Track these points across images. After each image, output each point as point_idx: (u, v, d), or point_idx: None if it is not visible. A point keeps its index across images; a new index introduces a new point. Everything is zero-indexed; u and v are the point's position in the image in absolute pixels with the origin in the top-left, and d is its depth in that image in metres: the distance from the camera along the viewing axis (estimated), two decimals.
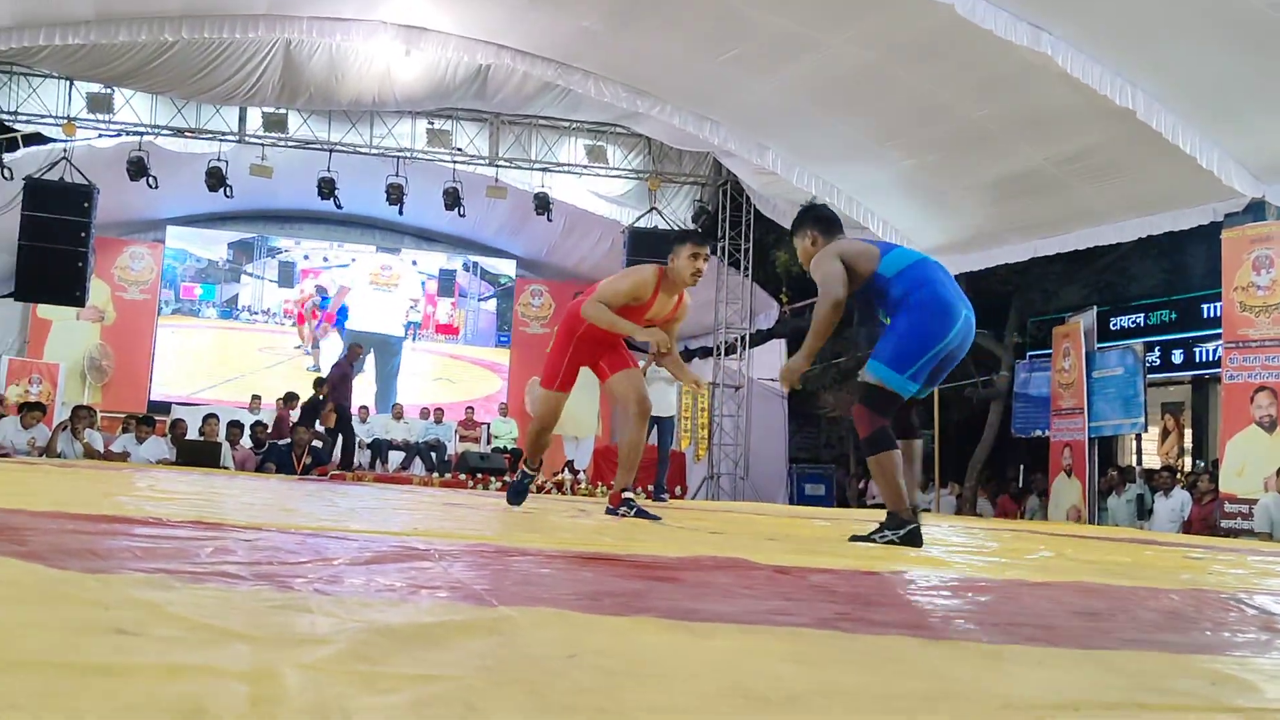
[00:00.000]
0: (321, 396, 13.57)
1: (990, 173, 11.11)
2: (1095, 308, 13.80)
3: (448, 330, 18.66)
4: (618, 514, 5.29)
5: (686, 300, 5.51)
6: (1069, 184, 10.58)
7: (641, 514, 5.26)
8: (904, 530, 4.12)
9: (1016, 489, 15.88)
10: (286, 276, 18.15)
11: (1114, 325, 16.84)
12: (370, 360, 17.54)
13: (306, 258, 18.27)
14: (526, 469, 5.77)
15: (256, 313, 18.03)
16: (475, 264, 18.79)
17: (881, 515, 4.30)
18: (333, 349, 17.47)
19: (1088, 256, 14.76)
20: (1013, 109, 10.04)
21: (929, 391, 4.56)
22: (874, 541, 4.12)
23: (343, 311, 18.24)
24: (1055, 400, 13.32)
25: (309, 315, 18.07)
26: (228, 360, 17.73)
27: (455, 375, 18.51)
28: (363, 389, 15.88)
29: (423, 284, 18.64)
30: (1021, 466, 16.90)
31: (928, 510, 14.99)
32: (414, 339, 18.50)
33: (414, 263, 18.65)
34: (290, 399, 14.45)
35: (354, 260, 18.37)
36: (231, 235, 18.05)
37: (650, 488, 11.08)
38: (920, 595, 2.22)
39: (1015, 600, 2.23)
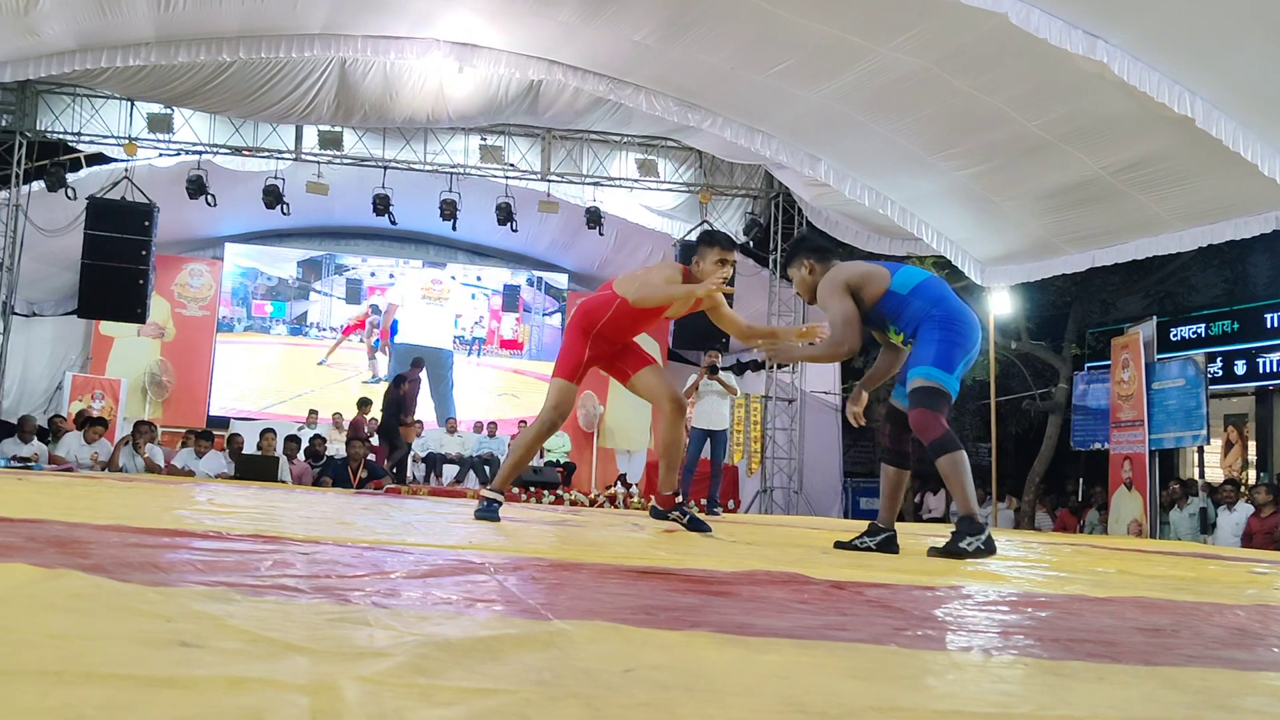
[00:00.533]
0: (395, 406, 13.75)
1: (1046, 182, 10.99)
2: (1155, 318, 13.59)
3: (512, 345, 18.82)
4: (668, 516, 5.20)
5: (702, 301, 5.20)
6: (1127, 193, 10.43)
7: (695, 523, 5.16)
8: (984, 539, 4.15)
9: (1076, 503, 15.67)
10: (354, 293, 18.44)
11: (1174, 336, 16.58)
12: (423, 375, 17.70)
13: (373, 275, 18.56)
14: (493, 495, 5.20)
15: (324, 329, 18.28)
16: (539, 279, 18.89)
17: (937, 529, 4.27)
18: (385, 364, 17.71)
19: (1147, 266, 14.56)
20: (1068, 117, 9.92)
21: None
22: (964, 552, 4.12)
23: (394, 326, 18.44)
24: (1115, 412, 13.13)
25: (369, 331, 18.33)
26: (294, 376, 17.99)
27: (519, 390, 18.62)
28: (420, 403, 16.04)
29: (487, 298, 18.79)
30: (1081, 480, 16.67)
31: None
32: (478, 354, 18.66)
33: (478, 278, 18.84)
34: (364, 404, 14.65)
35: (402, 275, 18.58)
36: (290, 252, 18.31)
37: (704, 501, 11.06)
38: (979, 610, 2.20)
39: (1076, 616, 2.20)
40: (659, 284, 4.95)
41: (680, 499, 5.30)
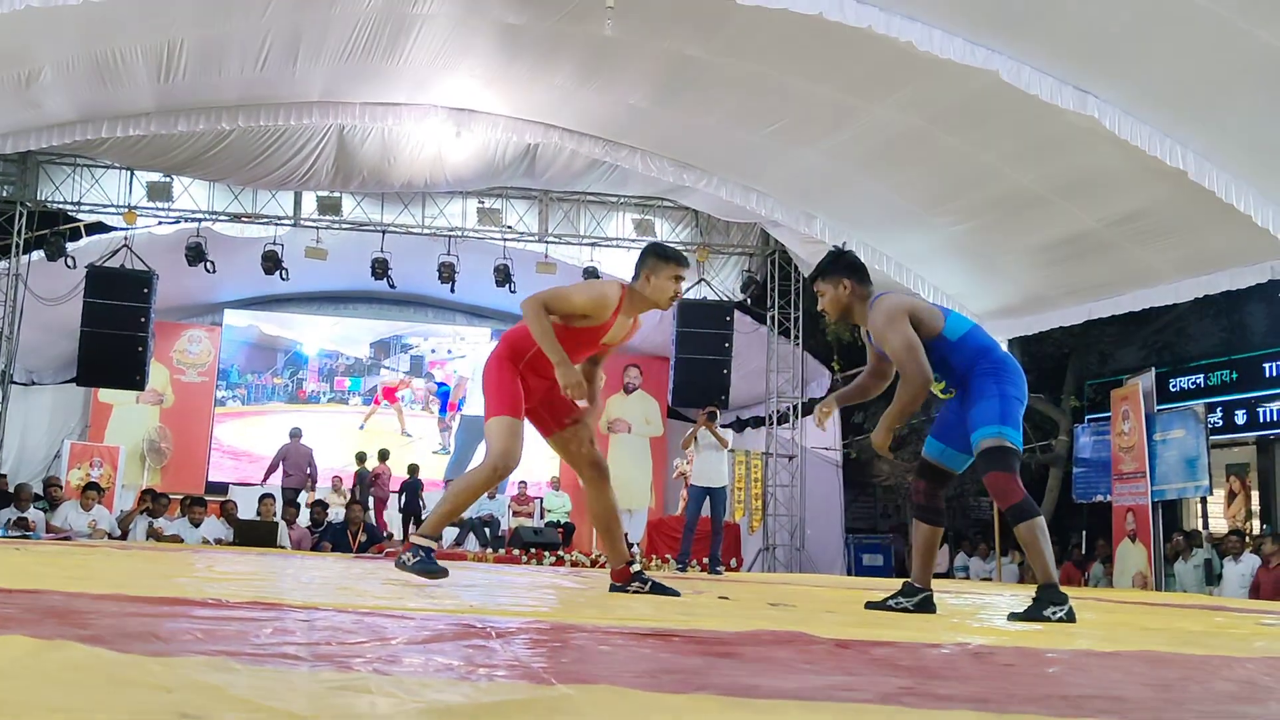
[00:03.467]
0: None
1: (1040, 236, 11.05)
2: (1154, 369, 13.59)
3: None
4: (628, 589, 4.69)
5: (640, 321, 4.86)
6: (1122, 245, 10.49)
7: (657, 589, 4.68)
8: (1066, 610, 3.90)
9: (1079, 556, 15.56)
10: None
11: (1174, 386, 16.57)
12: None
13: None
14: (427, 543, 4.44)
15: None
16: None
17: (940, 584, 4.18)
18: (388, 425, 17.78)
19: (1144, 317, 14.59)
20: (1061, 172, 10.00)
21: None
22: (1047, 619, 3.88)
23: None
24: (1116, 464, 13.09)
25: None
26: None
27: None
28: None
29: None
30: (1084, 532, 16.57)
31: (988, 580, 14.73)
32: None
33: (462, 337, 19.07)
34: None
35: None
36: (286, 317, 18.40)
37: (705, 560, 10.99)
38: (986, 667, 2.18)
39: (1083, 671, 2.18)
40: (545, 321, 4.45)
41: (635, 568, 4.82)
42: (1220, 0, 7.32)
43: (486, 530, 15.25)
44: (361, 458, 15.76)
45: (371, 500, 15.20)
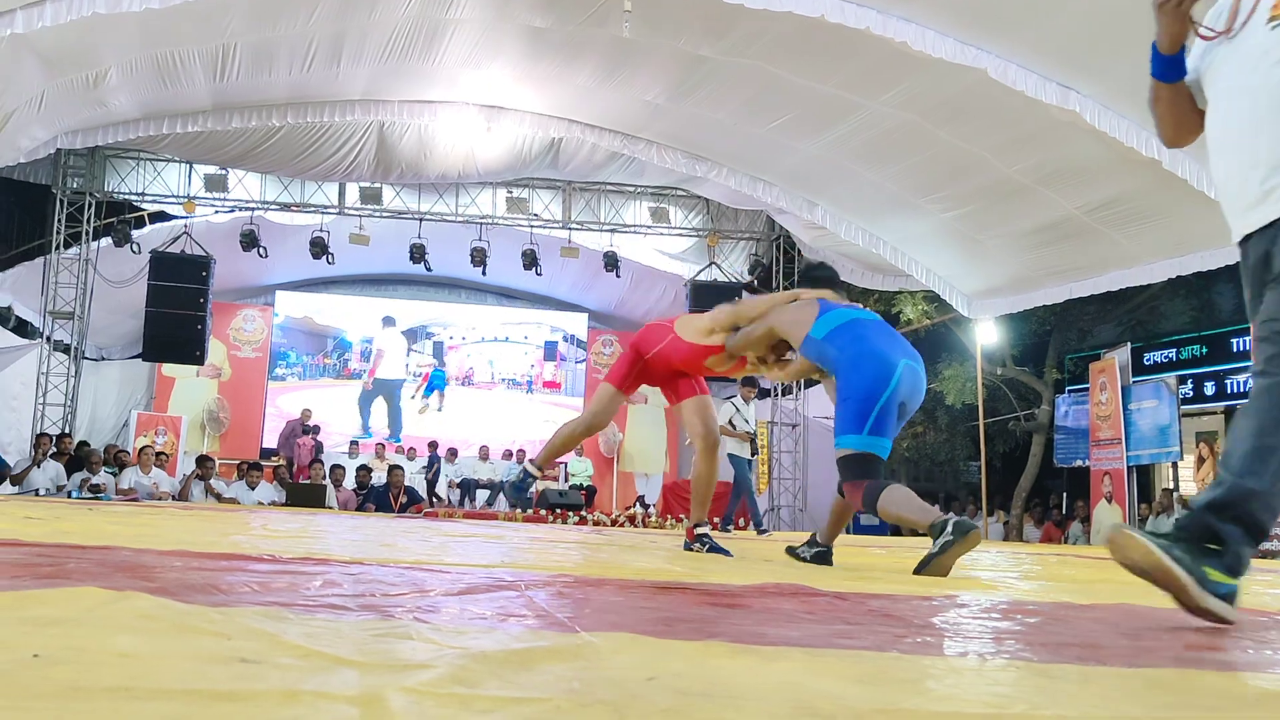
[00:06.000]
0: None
1: (1025, 222, 10.98)
2: (1129, 344, 13.54)
3: (552, 385, 19.37)
4: (692, 548, 4.91)
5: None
6: (1100, 230, 10.42)
7: (715, 549, 4.86)
8: (950, 524, 3.67)
9: (1060, 516, 15.54)
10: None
11: (1147, 360, 16.48)
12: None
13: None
14: (532, 470, 5.12)
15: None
16: (573, 336, 19.28)
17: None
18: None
19: (1120, 296, 14.51)
20: (1044, 162, 9.93)
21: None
22: (936, 554, 3.65)
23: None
24: (1094, 432, 13.05)
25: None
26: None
27: (558, 419, 18.97)
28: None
29: (539, 347, 19.34)
30: (1064, 494, 16.54)
31: None
32: (529, 391, 19.22)
33: (525, 338, 19.34)
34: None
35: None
36: (335, 298, 18.44)
37: (717, 520, 10.99)
38: (973, 618, 2.18)
39: (1063, 621, 2.18)
40: (706, 323, 4.70)
41: (700, 531, 4.93)
42: None
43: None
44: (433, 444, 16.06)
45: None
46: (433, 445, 16.24)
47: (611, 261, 14.92)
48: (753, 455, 10.91)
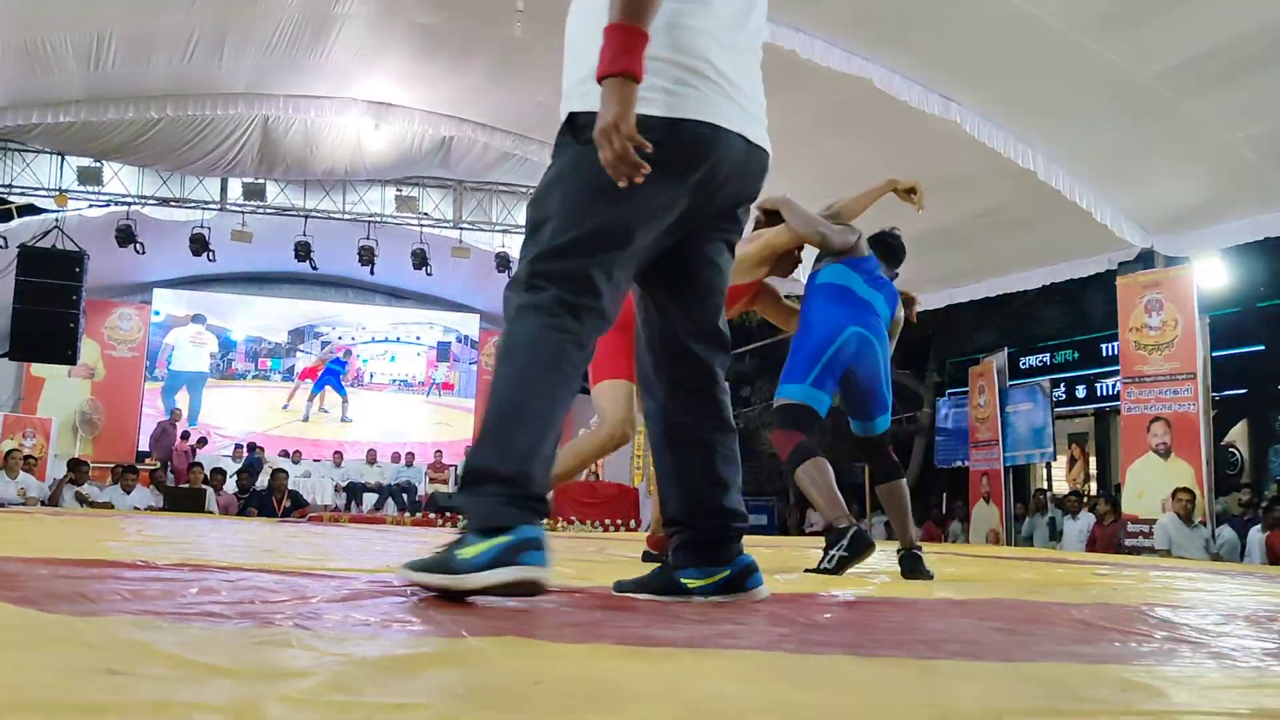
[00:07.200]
0: None
1: (909, 229, 11.16)
2: (1006, 349, 13.99)
3: (447, 387, 19.36)
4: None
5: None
6: (980, 238, 10.74)
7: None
8: (847, 539, 3.65)
9: (940, 515, 15.96)
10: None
11: (1023, 364, 17.07)
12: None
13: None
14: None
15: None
16: (467, 337, 19.17)
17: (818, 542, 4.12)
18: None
19: (998, 302, 14.98)
20: (928, 171, 10.06)
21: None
22: (829, 569, 3.64)
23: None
24: (973, 433, 13.44)
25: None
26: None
27: (450, 420, 19.16)
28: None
29: (431, 348, 19.27)
30: (944, 494, 17.02)
31: None
32: (427, 395, 19.20)
33: (417, 338, 19.20)
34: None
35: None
36: (216, 296, 17.96)
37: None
38: (855, 615, 2.22)
39: (943, 617, 2.24)
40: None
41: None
42: (1069, 21, 7.53)
43: (404, 496, 15.10)
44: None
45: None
46: (252, 447, 15.90)
47: (504, 262, 14.81)
48: None
